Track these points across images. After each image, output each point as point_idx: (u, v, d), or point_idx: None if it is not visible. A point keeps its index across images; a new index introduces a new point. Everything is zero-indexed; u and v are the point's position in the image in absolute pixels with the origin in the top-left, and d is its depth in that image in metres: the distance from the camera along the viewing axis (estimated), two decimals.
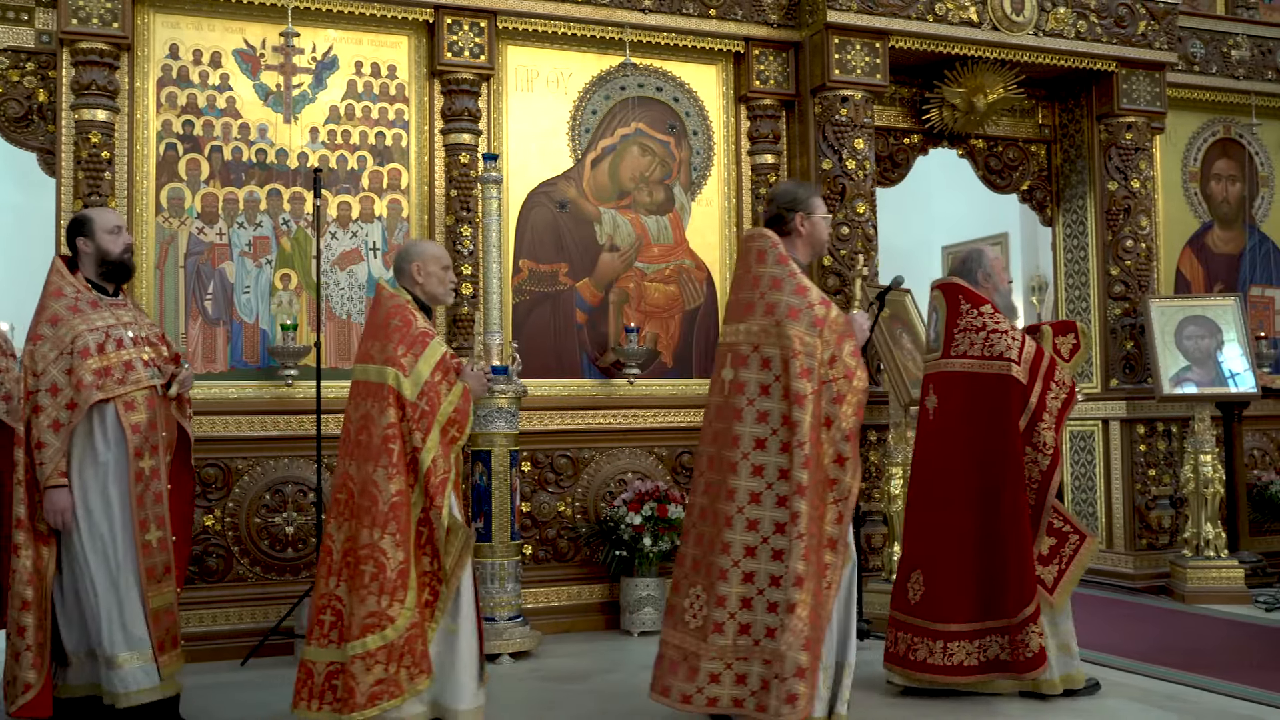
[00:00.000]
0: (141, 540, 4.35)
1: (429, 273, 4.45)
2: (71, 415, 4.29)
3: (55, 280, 4.49)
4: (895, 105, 7.60)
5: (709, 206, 7.09)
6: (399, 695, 4.03)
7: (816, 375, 4.08)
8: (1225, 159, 8.59)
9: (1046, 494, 4.74)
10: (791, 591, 3.93)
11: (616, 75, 6.92)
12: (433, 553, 4.17)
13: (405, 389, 4.16)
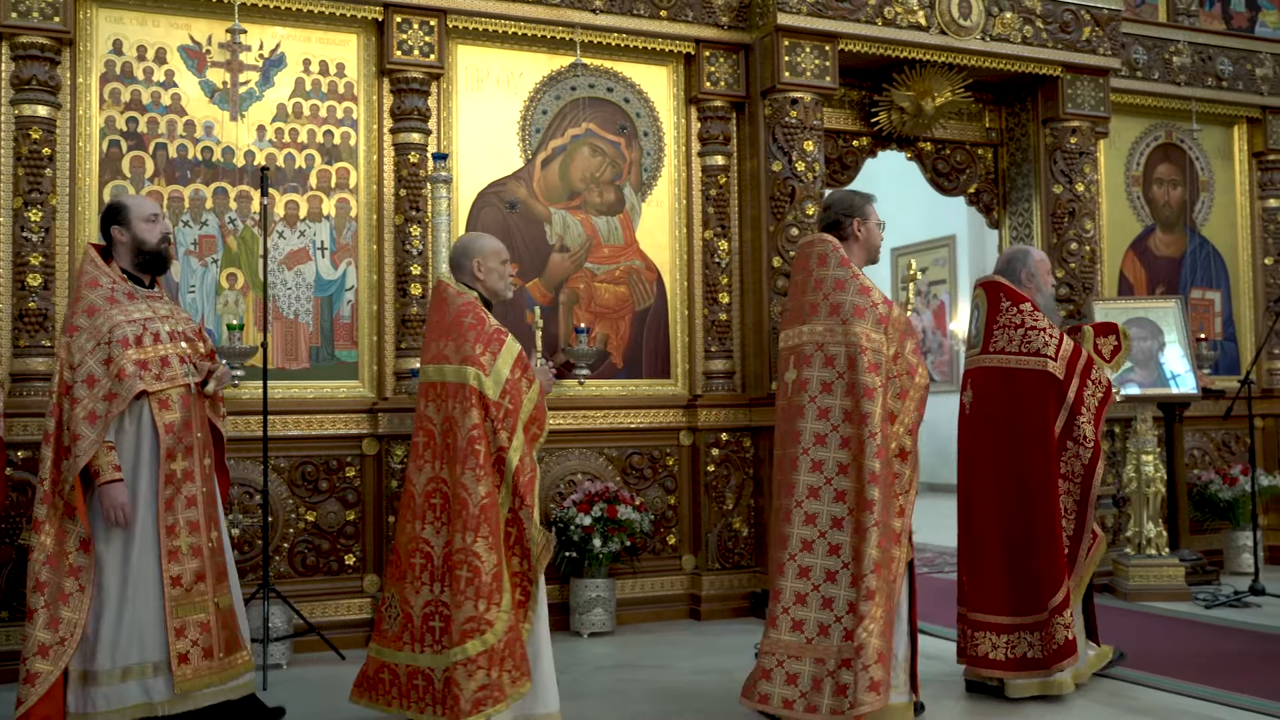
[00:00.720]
0: (169, 546, 4.19)
1: (489, 268, 4.42)
2: (110, 406, 4.12)
3: (90, 270, 4.34)
4: (844, 108, 7.65)
5: (659, 207, 7.10)
6: (503, 700, 3.98)
7: (884, 370, 4.21)
8: (1167, 163, 8.73)
9: (1090, 487, 4.86)
10: (869, 578, 4.01)
11: (567, 75, 6.91)
12: (522, 553, 4.16)
13: (487, 388, 4.13)
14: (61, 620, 4.09)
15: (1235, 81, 8.72)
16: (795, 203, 6.86)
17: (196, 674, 4.21)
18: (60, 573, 4.11)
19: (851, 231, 4.50)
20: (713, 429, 6.92)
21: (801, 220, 6.86)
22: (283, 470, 6.13)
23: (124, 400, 4.13)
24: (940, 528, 11.75)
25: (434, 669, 4.06)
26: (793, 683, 4.03)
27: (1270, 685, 4.90)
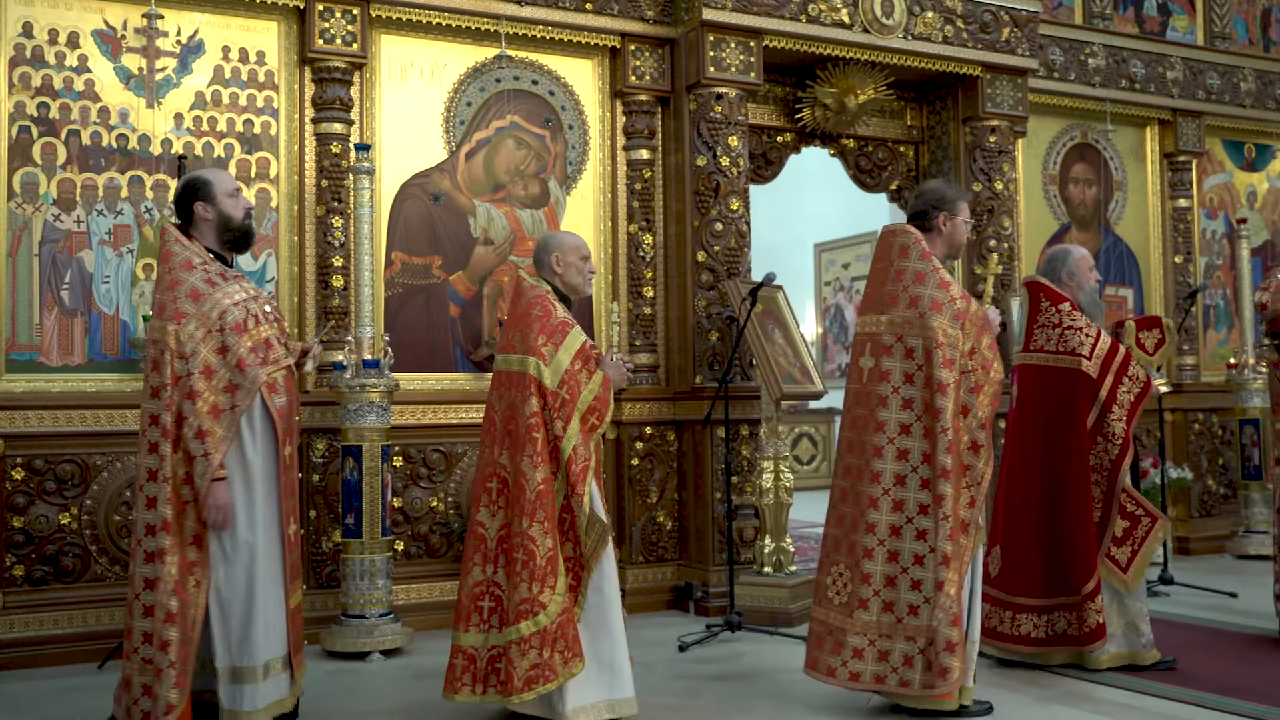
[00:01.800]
0: (284, 534, 4.06)
1: (568, 263, 4.50)
2: (233, 398, 3.95)
3: (179, 251, 4.08)
4: (769, 104, 7.70)
5: (584, 201, 7.09)
6: (554, 679, 4.10)
7: (958, 365, 4.37)
8: (1083, 163, 8.91)
9: (1115, 481, 5.03)
10: (940, 570, 4.24)
11: (492, 67, 6.87)
12: (575, 539, 4.24)
13: (546, 378, 4.24)
14: (190, 621, 3.93)
15: (1147, 84, 8.93)
16: (720, 197, 6.89)
17: (299, 666, 4.17)
18: (185, 572, 3.96)
19: (937, 224, 4.63)
20: (637, 423, 6.94)
21: (726, 215, 6.89)
22: None
23: (249, 392, 3.97)
24: None
25: (477, 648, 4.20)
26: (884, 659, 4.30)
27: (1182, 675, 5.04)
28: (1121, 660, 5.06)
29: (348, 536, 5.81)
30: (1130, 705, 4.58)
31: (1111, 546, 5.06)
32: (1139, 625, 5.09)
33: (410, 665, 5.55)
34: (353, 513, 5.80)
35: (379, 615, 5.77)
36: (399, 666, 5.53)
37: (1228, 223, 9.54)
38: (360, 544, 5.77)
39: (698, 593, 6.73)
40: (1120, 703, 4.62)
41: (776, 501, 6.50)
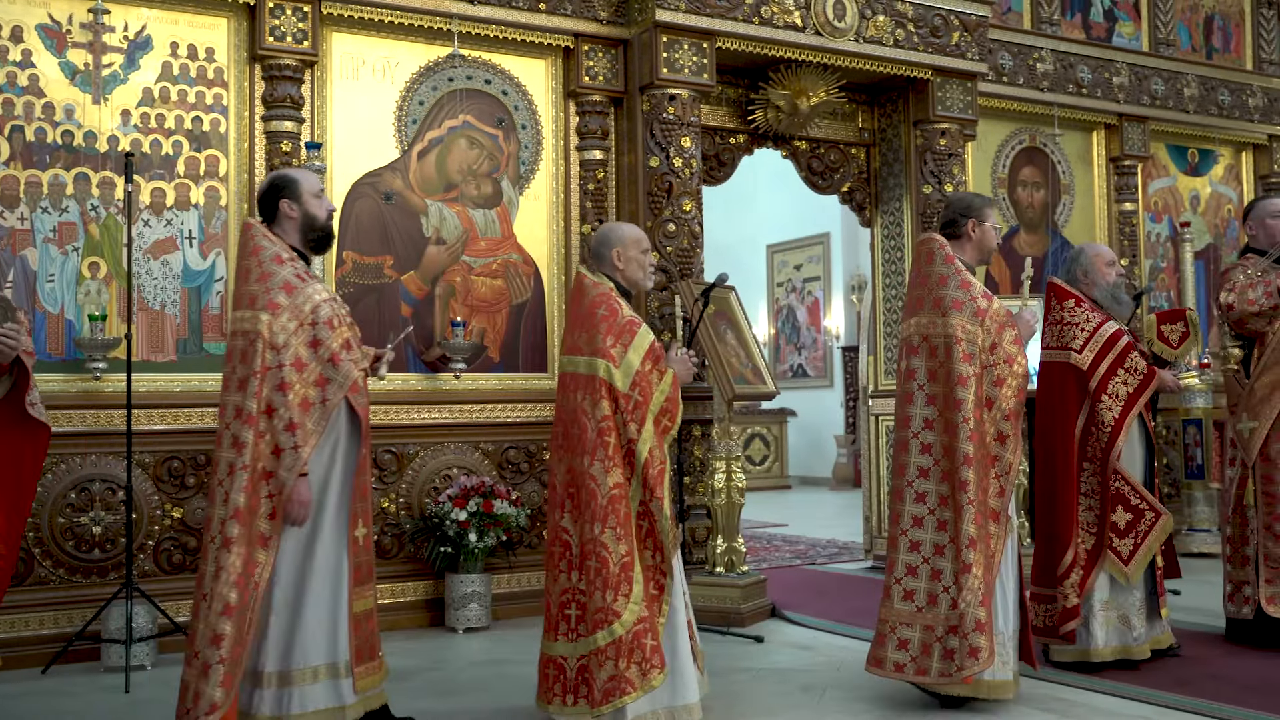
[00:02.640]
0: (350, 536, 3.97)
1: (629, 258, 4.40)
2: (324, 392, 3.86)
3: (268, 245, 4.02)
4: (722, 105, 7.73)
5: (537, 201, 7.08)
6: (632, 692, 3.99)
7: (978, 360, 4.53)
8: (1031, 166, 9.02)
9: (1105, 469, 5.15)
10: (966, 552, 4.35)
11: (445, 66, 6.84)
12: (655, 545, 4.15)
13: (617, 380, 4.14)
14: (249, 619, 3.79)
15: (1094, 89, 9.06)
16: (672, 198, 6.91)
17: (366, 673, 4.01)
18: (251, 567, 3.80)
19: (965, 231, 4.83)
20: None
21: (679, 216, 6.91)
22: (148, 466, 5.96)
23: (341, 387, 3.88)
24: (810, 518, 11.98)
25: (567, 657, 4.11)
26: (903, 648, 4.44)
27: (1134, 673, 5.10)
28: (1115, 654, 5.14)
29: None
30: (1076, 702, 4.64)
31: (1114, 538, 5.17)
32: (1131, 619, 5.16)
33: None
34: None
35: None
36: None
37: (1172, 226, 9.70)
38: None
39: None
40: (1069, 699, 4.68)
41: (729, 502, 6.53)
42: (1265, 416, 5.56)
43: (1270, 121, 10.07)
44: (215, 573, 3.71)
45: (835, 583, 7.87)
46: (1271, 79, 10.14)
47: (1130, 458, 5.27)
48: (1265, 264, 5.64)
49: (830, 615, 6.52)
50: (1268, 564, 5.52)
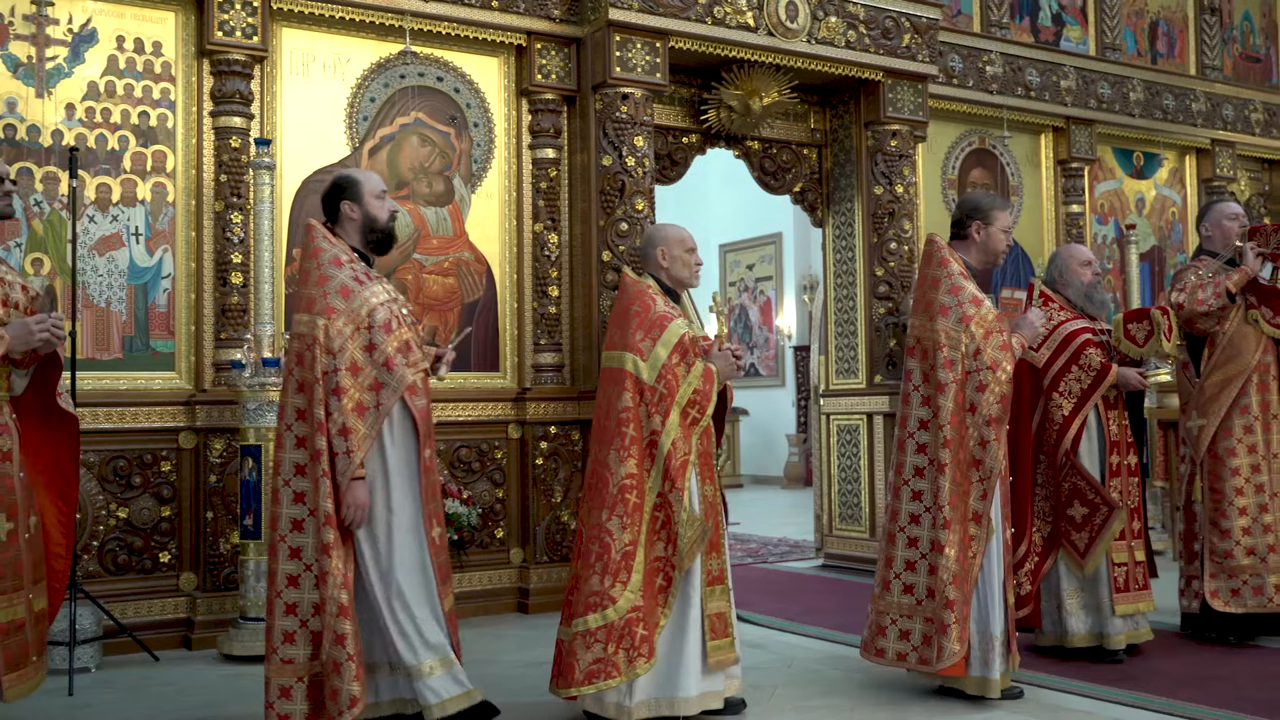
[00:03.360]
0: (429, 537, 3.99)
1: (674, 256, 4.48)
2: (378, 397, 3.88)
3: (328, 248, 4.05)
4: (675, 104, 7.74)
5: (489, 199, 7.06)
6: (616, 676, 4.06)
7: (960, 366, 4.60)
8: (980, 168, 9.11)
9: (1055, 464, 5.29)
10: (940, 533, 4.49)
11: (396, 63, 6.80)
12: (669, 538, 4.18)
13: (643, 373, 4.24)
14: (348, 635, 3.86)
15: (1042, 92, 9.16)
16: (625, 197, 6.91)
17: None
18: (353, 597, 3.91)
19: (970, 232, 4.88)
20: (541, 422, 6.92)
21: (631, 215, 6.91)
22: (93, 465, 5.87)
23: (394, 392, 3.90)
24: (762, 517, 12.04)
25: (565, 640, 4.19)
26: (905, 638, 4.58)
27: (1084, 670, 5.16)
28: (1091, 640, 5.24)
29: (246, 538, 5.71)
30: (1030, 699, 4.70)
31: (1071, 531, 5.25)
32: (1105, 607, 5.23)
33: None
34: (251, 513, 5.69)
35: None
36: None
37: (1118, 228, 9.84)
38: (259, 545, 5.66)
39: None
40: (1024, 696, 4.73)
41: None
42: (1214, 414, 5.67)
43: (1213, 126, 10.24)
44: (296, 579, 3.85)
45: (787, 581, 7.91)
46: (1214, 84, 10.31)
47: (1089, 454, 5.34)
48: (1217, 265, 5.75)
49: (782, 614, 6.55)
50: (1212, 559, 5.62)
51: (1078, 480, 5.26)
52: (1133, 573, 5.31)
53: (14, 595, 3.77)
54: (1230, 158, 10.39)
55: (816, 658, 5.50)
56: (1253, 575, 5.56)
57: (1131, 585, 5.30)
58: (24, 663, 3.79)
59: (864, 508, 8.12)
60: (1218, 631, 5.63)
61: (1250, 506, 5.61)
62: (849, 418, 8.24)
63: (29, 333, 3.76)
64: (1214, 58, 10.41)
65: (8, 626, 3.73)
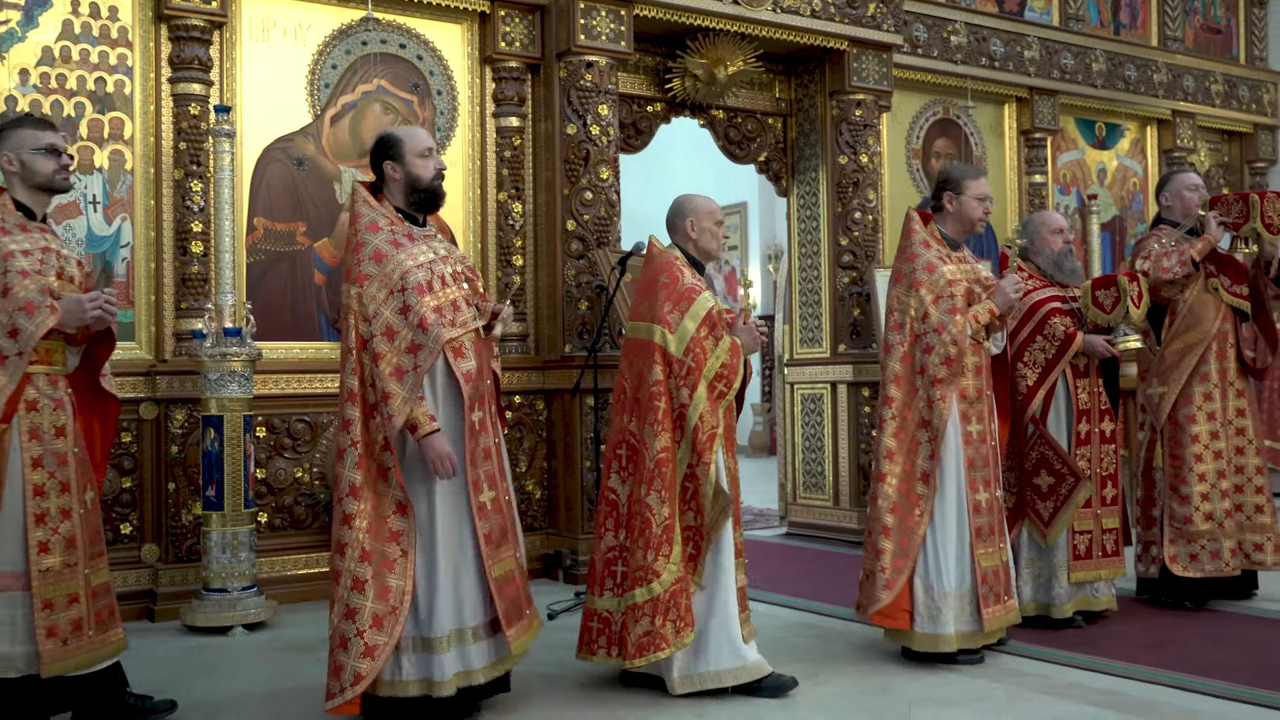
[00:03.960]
0: (477, 502, 3.93)
1: (703, 228, 4.49)
2: (416, 359, 3.81)
3: (366, 212, 4.03)
4: (640, 73, 7.70)
5: (453, 168, 7.00)
6: (666, 648, 4.15)
7: (908, 329, 4.78)
8: (945, 138, 9.13)
9: (1021, 432, 5.30)
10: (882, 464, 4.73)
11: (358, 30, 6.72)
12: (697, 508, 4.25)
13: (671, 346, 4.26)
14: (391, 589, 3.82)
15: (1006, 62, 9.18)
16: (590, 166, 6.88)
17: (516, 636, 4.02)
18: (382, 539, 3.84)
19: (944, 203, 4.98)
20: (506, 392, 6.90)
21: (596, 184, 6.88)
22: None
23: (432, 352, 3.83)
24: None
25: (612, 611, 4.28)
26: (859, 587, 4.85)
27: (1042, 635, 5.23)
28: (1037, 610, 5.28)
29: (208, 509, 5.67)
30: (988, 664, 4.75)
31: (1037, 500, 5.28)
32: (1059, 576, 5.27)
33: (275, 639, 5.46)
34: (214, 484, 5.66)
35: (242, 589, 5.65)
36: (263, 640, 5.43)
37: (1080, 198, 9.90)
38: (221, 516, 5.64)
39: (567, 561, 6.76)
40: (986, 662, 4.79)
41: None
42: (1174, 382, 5.73)
43: (1174, 97, 10.31)
44: (339, 548, 3.83)
45: (751, 549, 7.92)
46: (1176, 55, 10.37)
47: (1057, 423, 5.38)
48: (1179, 235, 5.80)
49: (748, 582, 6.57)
50: (1172, 524, 5.70)
51: (1045, 450, 5.29)
52: (1097, 540, 5.36)
53: (66, 571, 3.78)
54: (1191, 129, 10.47)
55: (781, 625, 5.54)
56: (1210, 540, 5.64)
57: (1094, 553, 5.35)
58: (79, 637, 3.81)
59: (828, 476, 8.17)
60: (1174, 596, 5.72)
61: (1209, 473, 5.69)
62: (813, 387, 8.27)
63: (81, 309, 3.76)
64: (1175, 29, 10.46)
65: (61, 601, 3.76)
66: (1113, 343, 5.40)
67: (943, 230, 4.97)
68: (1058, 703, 4.17)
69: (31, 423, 3.77)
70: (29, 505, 3.73)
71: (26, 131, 3.96)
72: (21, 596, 3.72)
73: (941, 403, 4.67)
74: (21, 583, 3.72)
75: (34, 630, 3.71)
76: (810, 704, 4.23)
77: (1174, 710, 4.06)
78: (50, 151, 3.94)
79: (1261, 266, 5.75)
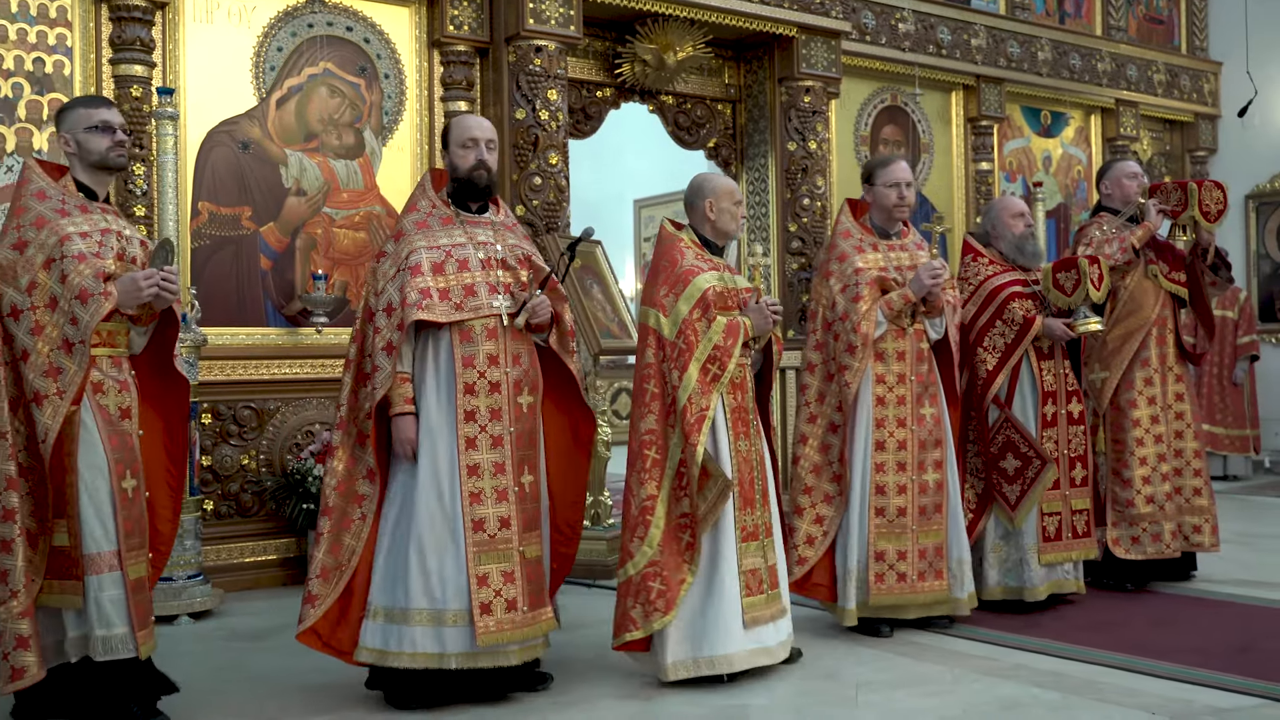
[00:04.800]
0: (471, 488, 3.95)
1: (721, 209, 4.46)
2: (401, 336, 3.93)
3: (415, 194, 4.27)
4: (589, 58, 7.68)
5: (401, 152, 6.95)
6: (634, 630, 4.17)
7: (821, 318, 4.95)
8: (892, 125, 9.19)
9: (983, 417, 5.35)
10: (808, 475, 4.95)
11: (304, 11, 6.64)
12: (691, 493, 4.20)
13: (664, 328, 4.28)
14: (343, 545, 4.02)
15: (953, 50, 9.25)
16: (539, 151, 6.85)
17: (499, 628, 3.95)
18: (348, 499, 4.04)
19: (866, 196, 5.15)
20: None
21: (545, 169, 6.85)
22: None
23: (399, 329, 3.93)
24: None
25: None
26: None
27: None
28: (1007, 594, 5.33)
29: None
30: (926, 645, 4.81)
31: (1003, 483, 5.32)
32: (1029, 559, 5.31)
33: (221, 627, 5.41)
34: None
35: (188, 577, 5.59)
36: (210, 629, 5.38)
37: (1025, 186, 10.00)
38: None
39: None
40: (920, 643, 4.84)
41: (595, 456, 6.55)
42: (1116, 367, 5.82)
43: (1117, 86, 10.44)
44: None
45: None
46: (1119, 45, 10.50)
47: (1022, 406, 5.43)
48: (1119, 222, 5.89)
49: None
50: (1114, 507, 5.79)
51: (1011, 433, 5.33)
52: (1067, 521, 5.41)
53: (139, 553, 3.78)
54: (1134, 117, 10.61)
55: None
56: (1151, 523, 5.74)
57: (1065, 534, 5.39)
58: (149, 621, 3.81)
59: (778, 459, 8.18)
60: (1115, 579, 5.81)
61: (1150, 456, 5.79)
62: None
63: (137, 288, 3.70)
64: (1119, 19, 10.59)
65: (137, 583, 3.72)
66: (1072, 325, 5.41)
67: (873, 220, 5.11)
68: (1002, 684, 4.23)
69: (99, 404, 3.72)
70: (115, 484, 3.68)
71: (80, 110, 3.90)
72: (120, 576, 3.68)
73: (847, 388, 4.81)
74: (118, 561, 3.68)
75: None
76: (758, 687, 4.26)
77: (1116, 690, 4.13)
78: (103, 129, 3.87)
79: (1199, 254, 5.85)
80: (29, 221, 3.72)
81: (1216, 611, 5.35)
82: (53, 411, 3.57)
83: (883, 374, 4.86)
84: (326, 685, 4.31)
